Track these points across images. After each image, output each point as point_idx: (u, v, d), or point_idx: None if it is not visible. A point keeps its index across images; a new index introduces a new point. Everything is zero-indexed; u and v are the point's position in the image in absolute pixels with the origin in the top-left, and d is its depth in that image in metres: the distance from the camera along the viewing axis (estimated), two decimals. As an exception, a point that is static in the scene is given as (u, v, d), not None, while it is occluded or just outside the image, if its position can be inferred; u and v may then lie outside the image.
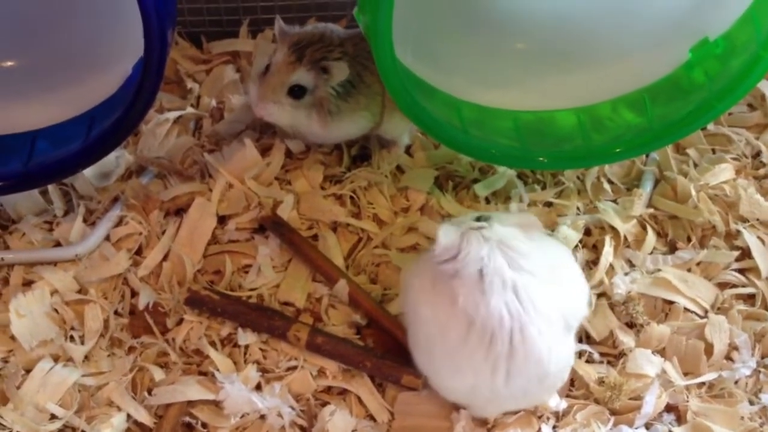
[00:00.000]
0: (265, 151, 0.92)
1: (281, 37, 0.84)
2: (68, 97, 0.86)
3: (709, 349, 0.79)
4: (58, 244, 0.86)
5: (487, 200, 0.90)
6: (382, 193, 0.89)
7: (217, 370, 0.76)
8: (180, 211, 0.88)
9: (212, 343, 0.78)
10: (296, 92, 0.83)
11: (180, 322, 0.80)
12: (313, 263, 0.82)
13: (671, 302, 0.82)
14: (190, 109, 0.98)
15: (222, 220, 0.87)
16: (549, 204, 0.91)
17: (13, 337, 0.78)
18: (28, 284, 0.82)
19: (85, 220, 0.87)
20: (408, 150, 0.94)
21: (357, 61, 0.84)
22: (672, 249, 0.87)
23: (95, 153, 0.82)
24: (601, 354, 0.79)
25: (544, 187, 0.92)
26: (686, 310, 0.82)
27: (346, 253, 0.85)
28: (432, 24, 0.88)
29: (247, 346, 0.78)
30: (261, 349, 0.78)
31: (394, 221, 0.88)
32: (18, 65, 0.89)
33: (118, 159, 0.92)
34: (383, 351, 0.78)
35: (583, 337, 0.81)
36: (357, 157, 0.93)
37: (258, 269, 0.83)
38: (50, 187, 0.88)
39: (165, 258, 0.85)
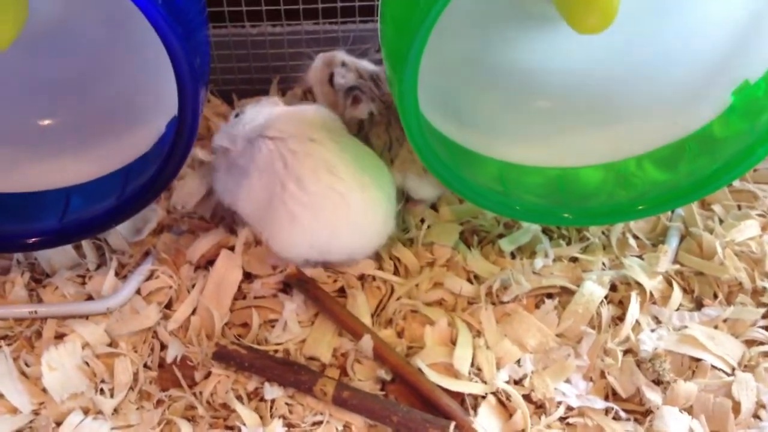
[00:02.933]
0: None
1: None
2: (103, 155, 0.89)
3: (736, 407, 0.78)
4: (90, 298, 0.87)
5: (513, 255, 0.91)
6: (407, 248, 0.90)
7: (244, 424, 0.76)
8: (209, 265, 0.89)
9: (239, 397, 0.79)
10: (331, 78, 0.91)
11: (208, 375, 0.81)
12: (338, 319, 0.83)
13: (698, 359, 0.82)
14: (220, 165, 1.00)
15: (248, 274, 0.88)
16: (574, 259, 0.91)
17: (44, 390, 0.79)
18: (60, 337, 0.84)
19: (117, 274, 0.89)
20: (433, 205, 0.95)
21: (387, 116, 0.87)
22: (698, 306, 0.87)
23: (129, 209, 0.84)
24: (628, 411, 0.79)
25: (569, 243, 0.93)
26: (713, 367, 0.81)
27: (373, 309, 0.86)
28: (457, 82, 0.90)
29: (273, 401, 0.79)
30: (287, 404, 0.79)
31: (419, 274, 0.89)
32: (55, 123, 0.92)
33: (150, 214, 0.93)
34: (408, 405, 0.78)
35: (610, 394, 0.80)
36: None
37: (284, 324, 0.84)
38: (84, 242, 0.90)
39: (194, 312, 0.86)
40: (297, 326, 0.84)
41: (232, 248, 0.89)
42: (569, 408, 0.79)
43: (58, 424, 0.77)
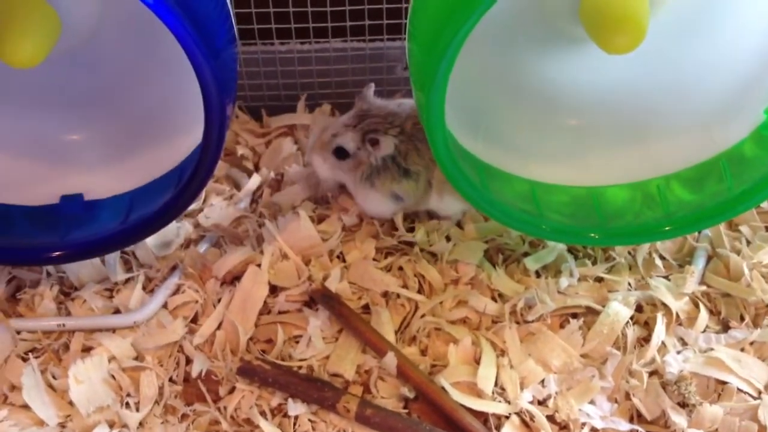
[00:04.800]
0: (320, 221, 0.95)
1: (358, 101, 0.91)
2: (112, 176, 0.90)
3: (762, 431, 0.77)
4: (117, 311, 0.88)
5: (538, 274, 0.91)
6: (432, 265, 0.90)
7: (267, 440, 0.77)
8: (235, 280, 0.90)
9: (263, 413, 0.79)
10: (339, 153, 0.89)
11: (232, 390, 0.81)
12: (362, 336, 0.83)
13: (724, 382, 0.81)
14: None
15: (274, 289, 0.89)
16: (600, 279, 0.91)
17: (71, 403, 0.80)
18: (87, 350, 0.84)
19: (144, 288, 0.90)
20: (458, 222, 0.96)
21: (410, 141, 0.87)
22: (725, 327, 0.86)
23: (138, 233, 0.86)
24: (653, 434, 0.78)
25: (594, 262, 0.92)
26: (739, 390, 0.80)
27: (397, 326, 0.86)
28: (484, 100, 0.90)
29: (296, 417, 0.79)
30: (310, 420, 0.79)
31: (444, 292, 0.88)
32: (82, 138, 0.92)
33: (179, 229, 0.94)
34: (431, 424, 0.78)
35: (635, 416, 0.80)
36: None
37: (308, 340, 0.84)
38: (111, 255, 0.91)
39: (219, 326, 0.86)
40: (321, 342, 0.84)
41: (259, 265, 0.89)
42: (593, 429, 0.78)
43: (84, 437, 0.78)
